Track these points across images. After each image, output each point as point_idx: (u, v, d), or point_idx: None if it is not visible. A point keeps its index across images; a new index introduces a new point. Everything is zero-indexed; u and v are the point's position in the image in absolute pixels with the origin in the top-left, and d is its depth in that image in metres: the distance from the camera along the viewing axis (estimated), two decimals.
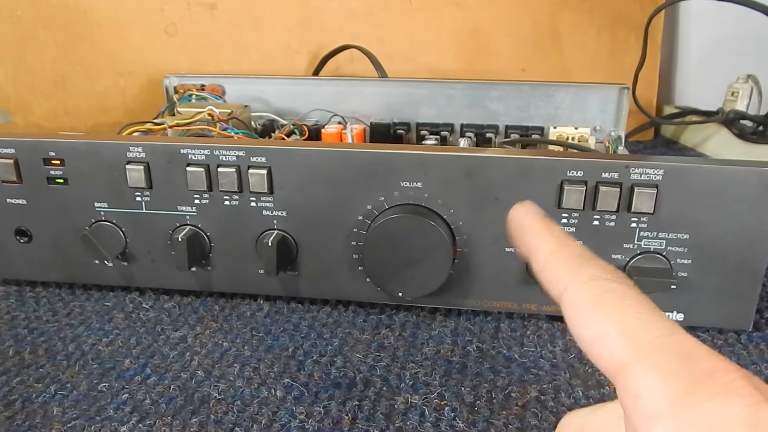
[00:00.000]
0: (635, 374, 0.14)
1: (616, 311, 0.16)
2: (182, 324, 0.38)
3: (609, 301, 0.16)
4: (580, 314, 0.16)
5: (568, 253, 0.18)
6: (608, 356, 0.15)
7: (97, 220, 0.39)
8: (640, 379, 0.14)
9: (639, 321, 0.15)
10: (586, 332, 0.16)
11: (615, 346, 0.15)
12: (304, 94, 0.60)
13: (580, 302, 0.16)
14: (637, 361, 0.14)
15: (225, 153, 0.36)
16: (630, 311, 0.16)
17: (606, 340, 0.15)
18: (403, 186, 0.35)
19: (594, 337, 0.16)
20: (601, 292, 0.16)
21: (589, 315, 0.16)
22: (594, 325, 0.16)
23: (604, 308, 0.16)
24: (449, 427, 0.29)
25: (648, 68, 0.76)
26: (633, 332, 0.15)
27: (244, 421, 0.29)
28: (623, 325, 0.15)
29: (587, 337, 0.16)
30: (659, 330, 0.15)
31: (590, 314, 0.16)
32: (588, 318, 0.16)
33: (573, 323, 0.16)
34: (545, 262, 0.18)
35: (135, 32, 0.72)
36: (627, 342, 0.15)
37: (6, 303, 0.41)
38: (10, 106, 0.72)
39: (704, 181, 0.33)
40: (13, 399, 0.31)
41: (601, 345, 0.15)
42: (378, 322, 0.38)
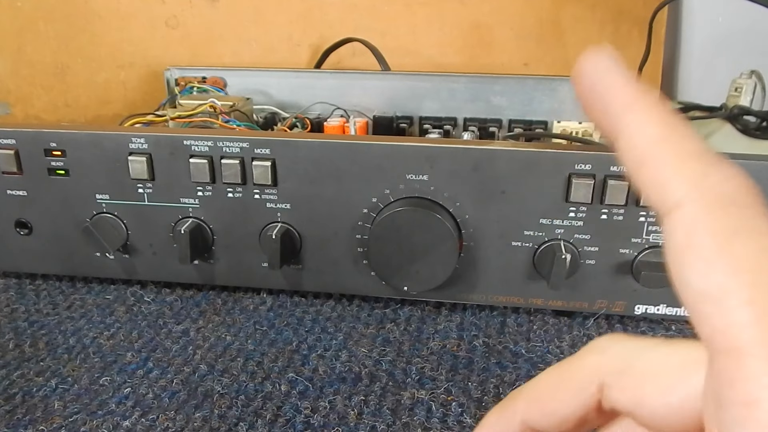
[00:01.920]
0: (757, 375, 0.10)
1: (755, 265, 0.11)
2: (184, 317, 0.38)
3: (745, 245, 0.11)
4: (696, 253, 0.11)
5: (684, 146, 0.12)
6: (721, 327, 0.11)
7: (98, 212, 0.38)
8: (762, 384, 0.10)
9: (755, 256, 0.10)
10: (700, 282, 0.11)
11: (738, 319, 0.10)
12: (306, 87, 0.60)
13: (701, 234, 0.11)
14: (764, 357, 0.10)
15: (228, 144, 0.35)
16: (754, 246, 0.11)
17: (725, 305, 0.11)
18: (408, 179, 0.35)
19: (708, 293, 0.11)
20: (738, 225, 0.11)
21: (712, 256, 0.11)
22: (714, 276, 0.11)
23: (738, 255, 0.11)
24: (457, 423, 0.28)
25: (651, 63, 0.76)
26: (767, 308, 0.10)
27: (248, 416, 0.29)
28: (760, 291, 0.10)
29: (698, 290, 0.11)
30: None
31: (715, 256, 0.11)
32: (707, 263, 0.11)
33: (681, 262, 0.11)
34: (648, 155, 0.12)
35: (136, 24, 0.71)
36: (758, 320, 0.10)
37: (6, 296, 0.40)
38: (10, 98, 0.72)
39: None
40: (13, 393, 0.31)
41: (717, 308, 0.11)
42: (383, 317, 0.38)
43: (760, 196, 0.12)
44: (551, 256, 0.34)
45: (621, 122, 0.13)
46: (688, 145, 0.12)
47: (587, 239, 0.35)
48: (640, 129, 0.12)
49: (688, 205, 0.11)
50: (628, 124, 0.12)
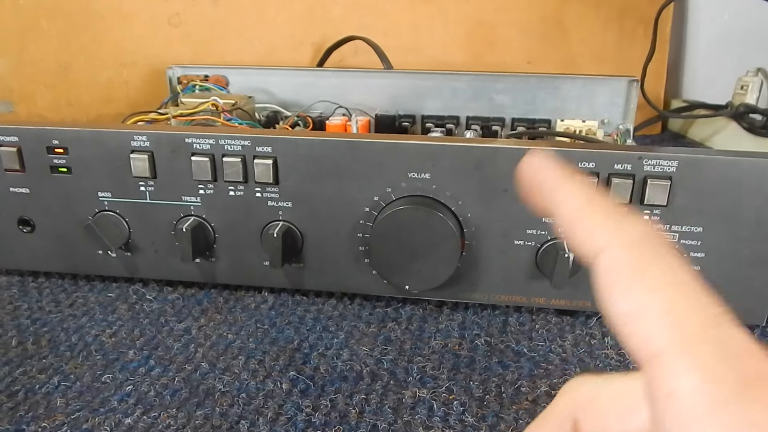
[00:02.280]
0: (673, 369, 0.12)
1: (663, 286, 0.13)
2: (186, 316, 0.38)
3: (655, 271, 0.13)
4: (617, 282, 0.14)
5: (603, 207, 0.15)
6: (643, 339, 0.13)
7: (100, 210, 0.38)
8: (678, 375, 0.12)
9: (687, 303, 0.13)
10: (622, 305, 0.13)
11: (653, 328, 0.13)
12: (308, 86, 0.60)
13: (620, 268, 0.14)
14: (678, 354, 0.12)
15: (230, 142, 0.35)
16: (678, 289, 0.13)
17: (644, 318, 0.13)
18: (410, 177, 0.35)
19: (630, 312, 0.13)
20: (647, 258, 0.14)
21: (628, 285, 0.13)
22: (633, 297, 0.13)
23: (648, 279, 0.13)
24: (458, 422, 0.28)
25: (656, 61, 0.75)
26: (678, 316, 0.13)
27: (250, 414, 0.29)
28: (668, 304, 0.13)
29: (622, 312, 0.13)
30: (708, 318, 0.13)
31: (630, 284, 0.13)
32: (627, 288, 0.13)
33: (607, 292, 0.14)
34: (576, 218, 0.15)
35: (138, 23, 0.71)
36: (669, 327, 0.12)
37: (8, 293, 0.40)
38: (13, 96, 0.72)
39: (719, 173, 0.32)
40: (16, 390, 0.31)
41: (637, 324, 0.13)
42: (384, 315, 0.37)
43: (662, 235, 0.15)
44: (554, 255, 0.34)
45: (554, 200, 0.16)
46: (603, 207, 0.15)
47: None
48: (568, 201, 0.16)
49: (609, 249, 0.14)
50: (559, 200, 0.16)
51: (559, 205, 0.16)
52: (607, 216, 0.15)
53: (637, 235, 0.14)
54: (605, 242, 0.14)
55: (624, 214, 0.15)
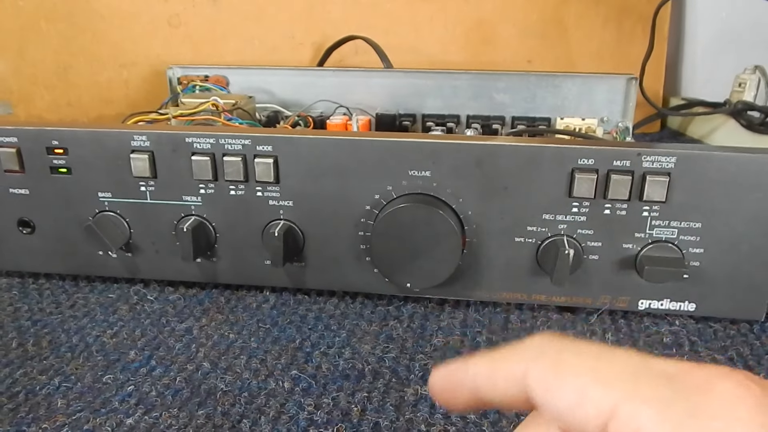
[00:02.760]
0: (630, 411, 0.14)
1: (580, 365, 0.16)
2: (187, 316, 0.37)
3: (568, 360, 0.16)
4: (550, 385, 0.16)
5: (503, 354, 0.18)
6: (595, 408, 0.15)
7: (100, 211, 0.38)
8: (636, 413, 0.14)
9: (606, 364, 0.15)
10: (565, 400, 0.15)
11: (598, 395, 0.15)
12: (308, 85, 0.60)
13: (544, 376, 0.16)
14: (627, 398, 0.14)
15: (230, 141, 0.35)
16: (592, 360, 0.16)
17: (586, 395, 0.15)
18: (411, 175, 0.35)
19: (574, 399, 0.15)
20: (555, 356, 0.16)
21: (558, 382, 0.16)
22: (568, 388, 0.15)
23: (569, 367, 0.16)
24: (460, 419, 0.28)
25: (654, 59, 0.75)
26: (607, 375, 0.15)
27: (252, 413, 0.29)
28: (594, 373, 0.15)
29: (568, 405, 0.15)
30: (630, 363, 0.15)
31: (559, 381, 0.16)
32: (559, 386, 0.16)
33: (548, 397, 0.16)
34: (492, 367, 0.18)
35: (138, 23, 0.71)
36: (607, 386, 0.15)
37: (9, 295, 0.40)
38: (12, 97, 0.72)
39: (717, 168, 0.32)
40: (16, 391, 0.31)
41: (584, 403, 0.15)
42: (386, 314, 0.37)
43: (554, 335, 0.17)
44: (554, 252, 0.34)
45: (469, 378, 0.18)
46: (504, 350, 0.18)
47: (590, 234, 0.34)
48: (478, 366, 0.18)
49: (528, 371, 0.16)
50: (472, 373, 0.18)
51: (475, 376, 0.18)
52: (510, 355, 0.18)
53: (538, 344, 0.17)
54: (522, 367, 0.17)
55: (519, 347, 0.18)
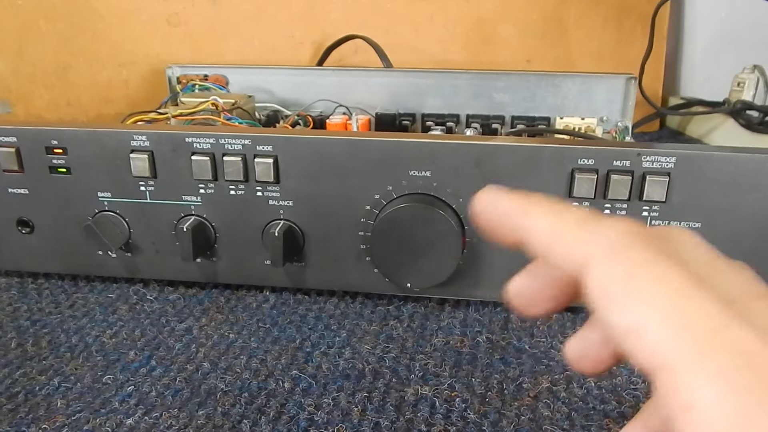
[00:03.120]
0: (689, 380, 0.11)
1: (657, 293, 0.12)
2: (187, 315, 0.37)
3: (646, 279, 0.13)
4: (610, 298, 0.13)
5: (574, 219, 0.15)
6: (649, 351, 0.12)
7: (100, 210, 0.38)
8: (695, 387, 0.11)
9: (688, 307, 0.12)
10: (621, 320, 0.13)
11: (659, 339, 0.12)
12: (308, 85, 0.60)
13: (609, 283, 0.13)
14: (690, 364, 0.11)
15: (230, 141, 0.35)
16: (675, 291, 0.12)
17: (647, 330, 0.12)
18: (411, 175, 0.34)
19: (631, 326, 0.12)
20: (633, 266, 0.13)
21: (622, 299, 0.13)
22: (630, 311, 0.12)
23: (642, 288, 0.13)
24: (460, 419, 0.28)
25: (654, 59, 0.75)
26: (681, 322, 0.12)
27: (252, 414, 0.29)
28: (668, 312, 0.12)
29: (621, 327, 0.13)
30: (715, 319, 0.12)
31: (624, 298, 0.13)
32: (622, 303, 0.13)
33: (603, 309, 0.13)
34: (550, 240, 0.15)
35: (137, 22, 0.71)
36: (675, 336, 0.12)
37: (8, 294, 0.40)
38: (11, 97, 0.72)
39: (717, 168, 0.32)
40: (16, 391, 0.31)
41: (640, 337, 0.12)
42: (386, 314, 0.37)
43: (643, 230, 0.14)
44: None
45: (521, 229, 0.15)
46: (572, 219, 0.15)
47: None
48: (536, 226, 0.15)
49: (590, 264, 0.13)
50: (527, 228, 0.15)
51: (528, 231, 0.15)
52: (581, 227, 0.14)
53: (616, 240, 0.13)
54: (585, 256, 0.14)
55: (599, 220, 0.14)
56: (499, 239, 0.16)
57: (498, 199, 0.16)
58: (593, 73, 0.58)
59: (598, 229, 0.14)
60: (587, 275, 0.14)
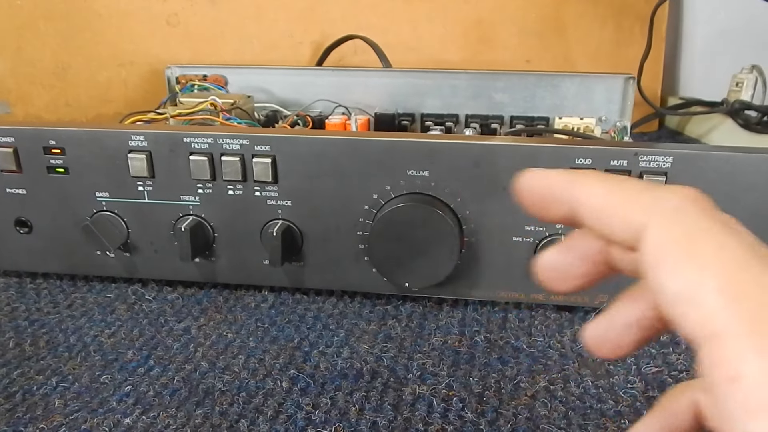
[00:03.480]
0: (737, 351, 0.11)
1: (715, 259, 0.12)
2: (186, 315, 0.37)
3: (705, 243, 0.12)
4: (665, 259, 0.12)
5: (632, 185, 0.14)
6: (699, 318, 0.12)
7: (98, 210, 0.38)
8: (743, 359, 0.11)
9: (746, 276, 0.12)
10: (674, 284, 0.12)
11: (711, 307, 0.12)
12: (307, 85, 0.60)
13: (668, 244, 0.13)
14: (742, 334, 0.11)
15: (229, 141, 0.35)
16: (733, 261, 0.12)
17: (699, 296, 0.12)
18: (409, 175, 0.35)
19: (682, 290, 0.12)
20: (693, 230, 0.13)
21: (677, 261, 0.12)
22: (685, 274, 0.12)
23: (699, 253, 0.12)
24: (458, 418, 0.28)
25: (652, 59, 0.75)
26: (737, 291, 0.11)
27: (250, 413, 0.29)
28: (724, 279, 0.12)
29: (673, 291, 0.12)
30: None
31: (679, 260, 0.12)
32: (676, 265, 0.12)
33: (657, 272, 0.13)
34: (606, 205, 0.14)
35: (136, 22, 0.71)
36: (729, 305, 0.11)
37: (6, 294, 0.40)
38: (11, 97, 0.72)
39: (713, 168, 0.32)
40: (13, 391, 0.31)
41: (691, 302, 0.12)
42: (384, 313, 0.37)
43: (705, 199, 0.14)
44: None
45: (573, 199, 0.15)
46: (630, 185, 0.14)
47: None
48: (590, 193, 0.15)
49: (649, 226, 0.13)
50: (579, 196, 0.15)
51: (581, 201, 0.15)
52: (640, 192, 0.14)
53: (678, 205, 0.13)
54: (644, 219, 0.13)
55: (656, 187, 0.14)
56: (546, 215, 0.16)
57: (546, 174, 0.16)
58: (592, 73, 0.58)
59: (659, 193, 0.14)
60: (645, 237, 0.13)
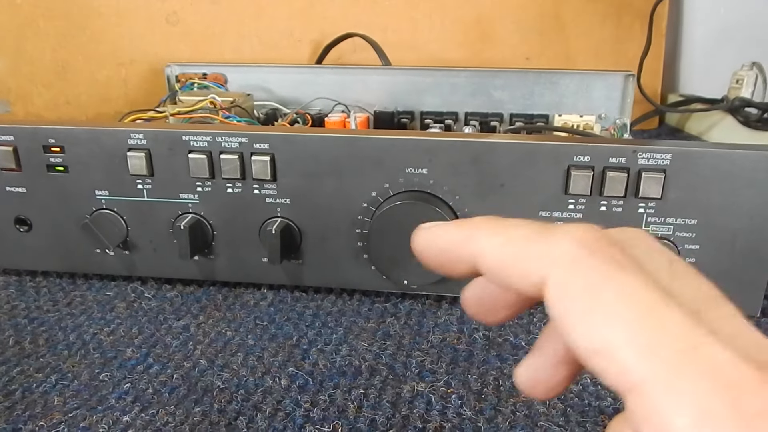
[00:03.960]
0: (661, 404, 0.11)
1: (620, 310, 0.12)
2: (185, 313, 0.38)
3: (606, 292, 0.12)
4: (573, 316, 0.12)
5: (524, 233, 0.13)
6: (619, 372, 0.11)
7: (98, 209, 0.38)
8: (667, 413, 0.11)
9: (657, 325, 0.11)
10: (585, 340, 0.12)
11: (628, 360, 0.11)
12: (306, 83, 0.60)
13: (571, 300, 0.12)
14: (663, 387, 0.11)
15: (227, 139, 0.35)
16: (636, 306, 0.12)
17: (613, 351, 0.11)
18: (408, 172, 0.35)
19: (596, 346, 0.12)
20: (591, 282, 0.12)
21: (586, 317, 0.12)
22: (596, 330, 0.12)
23: (602, 306, 0.12)
24: (456, 415, 0.28)
25: (652, 56, 0.75)
26: (651, 341, 0.11)
27: (248, 410, 0.29)
28: (637, 330, 0.11)
29: (586, 347, 0.12)
30: (686, 337, 0.11)
31: (588, 316, 0.12)
32: (586, 321, 0.12)
33: (565, 328, 0.12)
34: (501, 259, 0.14)
35: (136, 21, 0.71)
36: (645, 356, 0.11)
37: (6, 293, 0.40)
38: (11, 96, 0.72)
39: (712, 165, 0.32)
40: (13, 389, 0.31)
41: (608, 358, 0.11)
42: (383, 311, 0.37)
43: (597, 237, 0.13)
44: None
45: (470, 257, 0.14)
46: (523, 233, 0.13)
47: None
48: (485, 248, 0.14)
49: (548, 281, 0.12)
50: (475, 253, 0.14)
51: (478, 257, 0.14)
52: (534, 240, 0.13)
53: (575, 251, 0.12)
54: (541, 270, 0.13)
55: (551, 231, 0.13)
56: (450, 272, 0.15)
57: (440, 230, 0.16)
58: (592, 71, 0.58)
59: (551, 240, 0.13)
60: (546, 293, 0.13)
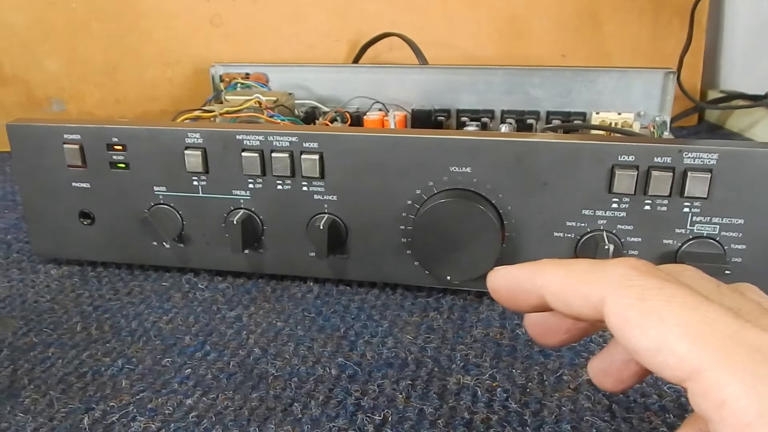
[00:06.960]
0: (715, 380, 0.13)
1: (670, 311, 0.14)
2: (236, 304, 0.39)
3: (657, 301, 0.15)
4: (630, 324, 0.15)
5: (583, 266, 0.17)
6: (675, 364, 0.14)
7: (156, 203, 0.40)
8: (722, 384, 0.13)
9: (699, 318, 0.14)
10: (643, 342, 0.14)
11: (681, 351, 0.14)
12: (344, 82, 0.61)
13: (625, 310, 0.15)
14: (714, 365, 0.13)
15: (279, 139, 0.37)
16: (685, 309, 0.14)
17: (668, 346, 0.14)
18: (452, 171, 0.36)
19: (654, 345, 0.14)
20: (643, 293, 0.15)
21: (640, 323, 0.14)
22: (650, 333, 0.14)
23: (655, 311, 0.14)
24: (502, 408, 0.29)
25: (692, 52, 0.74)
26: (697, 332, 0.14)
27: (302, 397, 0.30)
28: (683, 325, 0.14)
29: (646, 348, 0.14)
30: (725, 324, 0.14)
31: (642, 321, 0.14)
32: (640, 326, 0.14)
33: (625, 336, 0.15)
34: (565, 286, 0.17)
35: (181, 23, 0.74)
36: (695, 345, 0.13)
37: (70, 282, 0.43)
38: (65, 95, 0.75)
39: (760, 165, 0.32)
40: (84, 371, 0.33)
41: (664, 354, 0.14)
42: (426, 305, 0.39)
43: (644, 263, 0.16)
44: (594, 247, 0.35)
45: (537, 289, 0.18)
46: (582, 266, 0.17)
47: (630, 230, 0.35)
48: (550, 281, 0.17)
49: (606, 298, 0.15)
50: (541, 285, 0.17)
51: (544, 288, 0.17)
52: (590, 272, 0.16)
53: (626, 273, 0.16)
54: (600, 294, 0.16)
55: (606, 262, 0.17)
56: (520, 306, 0.19)
57: (511, 269, 0.19)
58: (630, 68, 0.58)
59: (607, 267, 0.16)
60: (605, 309, 0.16)
